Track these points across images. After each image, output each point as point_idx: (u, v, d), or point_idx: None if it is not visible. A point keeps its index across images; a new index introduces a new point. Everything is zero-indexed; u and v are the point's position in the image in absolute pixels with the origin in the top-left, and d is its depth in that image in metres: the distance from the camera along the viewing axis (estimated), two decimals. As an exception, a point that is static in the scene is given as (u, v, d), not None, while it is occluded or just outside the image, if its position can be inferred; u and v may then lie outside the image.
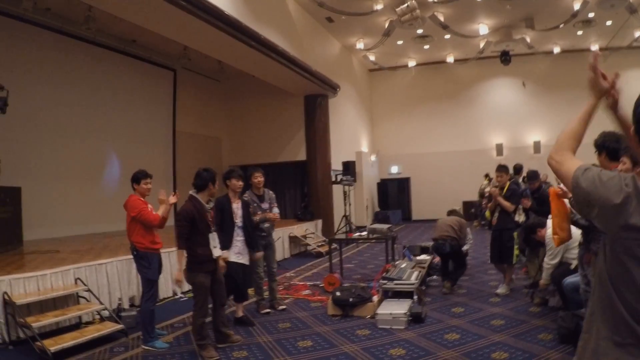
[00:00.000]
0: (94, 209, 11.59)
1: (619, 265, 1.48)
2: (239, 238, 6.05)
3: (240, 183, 6.11)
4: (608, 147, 3.75)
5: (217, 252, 5.19)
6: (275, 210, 6.97)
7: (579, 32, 17.18)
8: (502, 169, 7.28)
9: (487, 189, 9.85)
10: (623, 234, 1.45)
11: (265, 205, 6.85)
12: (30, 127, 10.32)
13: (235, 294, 6.30)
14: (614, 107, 1.85)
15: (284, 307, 7.06)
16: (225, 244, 5.91)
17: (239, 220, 6.07)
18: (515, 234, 6.98)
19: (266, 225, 6.79)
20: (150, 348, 5.36)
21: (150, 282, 5.56)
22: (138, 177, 5.67)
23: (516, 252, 7.05)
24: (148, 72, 14.22)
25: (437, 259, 8.34)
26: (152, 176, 5.80)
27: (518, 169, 10.11)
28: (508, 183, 7.20)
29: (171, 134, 15.23)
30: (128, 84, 13.34)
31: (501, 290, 7.25)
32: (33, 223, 9.66)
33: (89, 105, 11.94)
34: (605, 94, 1.79)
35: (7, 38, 10.00)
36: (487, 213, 7.63)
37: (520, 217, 7.18)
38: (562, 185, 4.38)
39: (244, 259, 6.08)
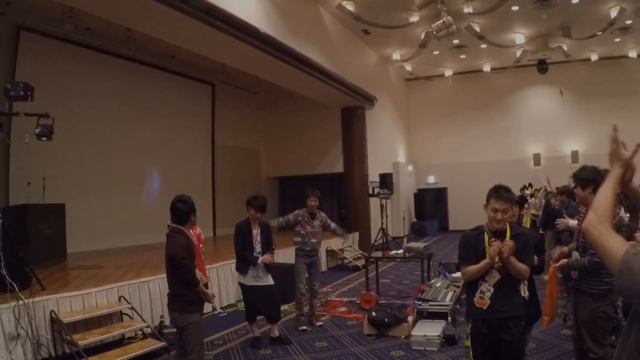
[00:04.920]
0: (134, 222, 11.95)
1: None
2: None
3: (258, 215, 6.22)
4: (597, 182, 3.77)
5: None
6: (333, 225, 7.33)
7: (617, 40, 16.88)
8: (503, 196, 3.57)
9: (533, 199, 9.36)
10: None
11: (316, 222, 7.08)
12: (72, 144, 10.70)
13: (266, 315, 6.48)
14: (629, 179, 1.93)
15: (321, 323, 7.21)
16: (244, 269, 6.14)
17: (257, 246, 6.22)
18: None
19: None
20: None
21: None
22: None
23: None
24: (187, 86, 14.57)
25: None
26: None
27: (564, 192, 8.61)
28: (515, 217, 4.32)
29: (210, 146, 15.56)
30: (167, 99, 13.69)
31: None
32: (76, 237, 9.99)
33: (129, 120, 12.31)
34: (627, 163, 1.84)
35: (49, 58, 10.48)
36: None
37: (524, 291, 4.10)
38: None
39: (263, 281, 6.20)
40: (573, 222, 4.87)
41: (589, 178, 3.95)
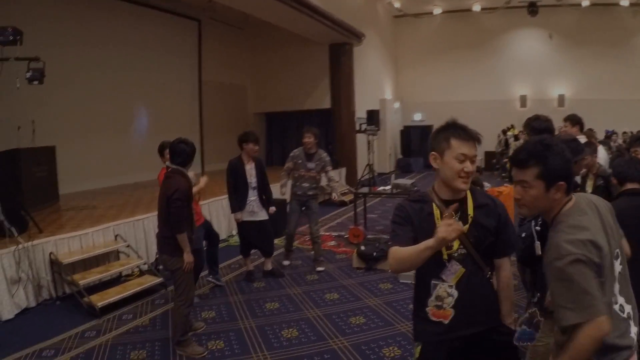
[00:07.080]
0: (124, 161, 11.94)
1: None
2: (252, 198, 6.31)
3: (257, 147, 6.33)
4: (551, 131, 4.10)
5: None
6: (330, 174, 7.06)
7: (611, -15, 16.69)
8: (472, 135, 2.45)
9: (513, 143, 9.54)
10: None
11: (311, 165, 6.81)
12: (60, 86, 10.39)
13: (260, 250, 6.73)
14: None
15: (322, 268, 6.97)
16: (239, 205, 6.27)
17: (253, 181, 6.32)
18: None
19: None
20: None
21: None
22: None
23: None
24: (173, 23, 14.23)
25: None
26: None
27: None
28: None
29: (197, 83, 15.36)
30: (154, 36, 13.38)
31: None
32: (68, 178, 10.00)
33: (116, 60, 12.04)
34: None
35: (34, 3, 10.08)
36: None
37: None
38: None
39: (258, 216, 6.36)
40: None
41: (543, 128, 4.03)
